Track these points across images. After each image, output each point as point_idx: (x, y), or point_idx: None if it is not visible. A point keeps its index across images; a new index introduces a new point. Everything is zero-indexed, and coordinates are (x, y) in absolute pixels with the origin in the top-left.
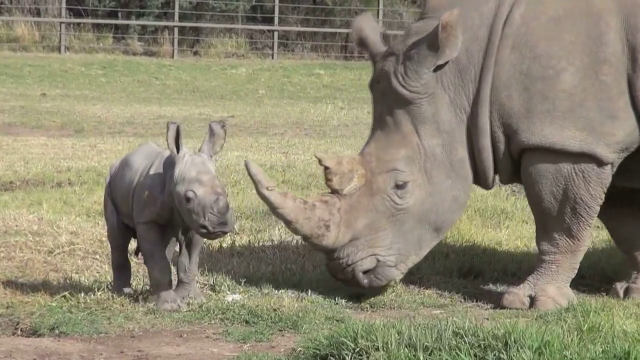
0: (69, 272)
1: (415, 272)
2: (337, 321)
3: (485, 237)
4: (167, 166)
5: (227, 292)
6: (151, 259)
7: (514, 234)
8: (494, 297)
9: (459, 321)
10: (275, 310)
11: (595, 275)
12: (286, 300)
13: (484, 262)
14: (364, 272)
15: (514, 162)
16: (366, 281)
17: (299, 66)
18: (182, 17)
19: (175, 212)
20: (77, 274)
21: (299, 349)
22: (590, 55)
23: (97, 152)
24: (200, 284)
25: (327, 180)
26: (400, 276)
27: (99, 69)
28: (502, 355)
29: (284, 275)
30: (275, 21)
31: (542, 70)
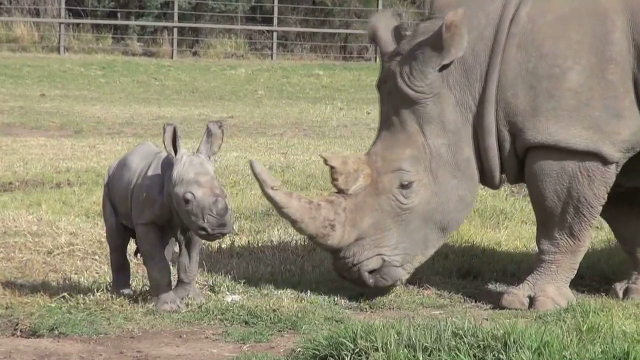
0: (68, 272)
1: (414, 273)
2: (337, 322)
3: (484, 237)
4: (165, 167)
5: (227, 292)
6: (150, 260)
7: (513, 235)
8: (493, 298)
9: (458, 322)
10: (274, 310)
11: (594, 275)
12: (285, 300)
13: (483, 263)
14: (370, 272)
15: (520, 161)
16: (372, 281)
17: (298, 67)
18: (182, 17)
19: (174, 213)
20: (76, 274)
21: (299, 349)
22: (596, 54)
23: (97, 152)
24: (199, 284)
25: (333, 179)
26: (406, 276)
27: (98, 69)
28: (501, 355)
29: (283, 275)
30: (274, 22)
31: (548, 68)
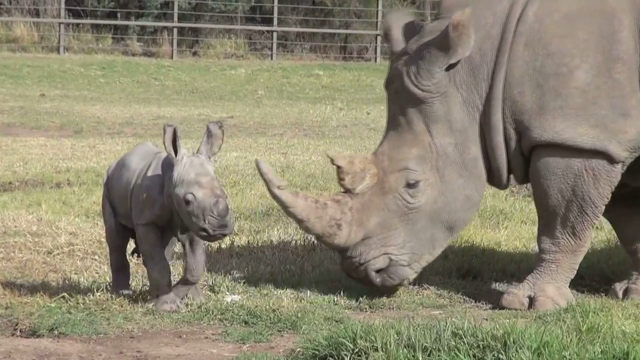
0: (68, 272)
1: None
2: (336, 322)
3: (484, 237)
4: (166, 167)
5: (226, 292)
6: (151, 260)
7: (512, 235)
8: (493, 298)
9: (458, 322)
10: (274, 310)
11: (594, 275)
12: (285, 300)
13: (482, 263)
14: (377, 271)
15: (526, 159)
16: (379, 280)
17: (298, 67)
18: (181, 17)
19: (174, 213)
20: (76, 274)
21: (298, 349)
22: (603, 53)
23: (96, 152)
24: (199, 284)
25: (340, 179)
26: (414, 275)
27: (98, 69)
28: (501, 355)
29: (283, 275)
30: (274, 22)
31: (555, 67)
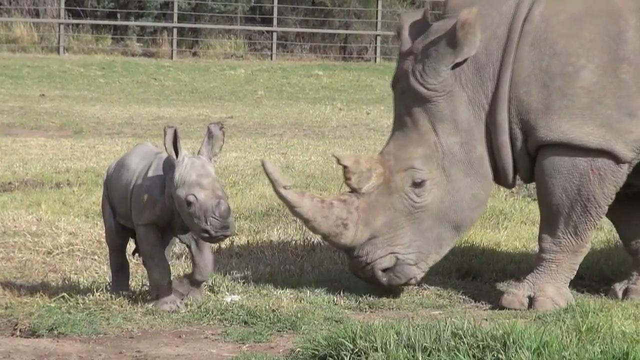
0: (67, 272)
1: None
2: (336, 322)
3: (483, 237)
4: (167, 168)
5: (226, 292)
6: (151, 260)
7: (512, 235)
8: (493, 298)
9: (457, 322)
10: (274, 310)
11: (594, 275)
12: (285, 300)
13: (482, 263)
14: (384, 270)
15: (532, 159)
16: (385, 279)
17: (298, 67)
18: (181, 18)
19: (175, 214)
20: (75, 274)
21: (298, 349)
22: (609, 53)
23: (96, 152)
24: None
25: (346, 179)
26: (421, 275)
27: (97, 69)
28: (500, 355)
29: (282, 276)
30: (274, 22)
31: (561, 67)
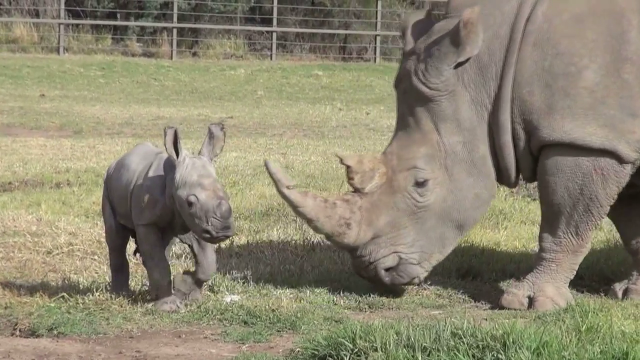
0: (67, 272)
1: None
2: (336, 322)
3: (483, 237)
4: (168, 168)
5: (226, 292)
6: (151, 261)
7: (512, 235)
8: (493, 298)
9: (457, 322)
10: (273, 310)
11: (593, 275)
12: (285, 300)
13: (482, 263)
14: (387, 270)
15: (535, 158)
16: (388, 279)
17: (298, 67)
18: (181, 18)
19: (176, 214)
20: (75, 274)
21: (298, 349)
22: (612, 53)
23: (96, 152)
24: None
25: (349, 178)
26: (424, 274)
27: (97, 70)
28: (500, 355)
29: (282, 276)
30: (273, 22)
31: (564, 67)
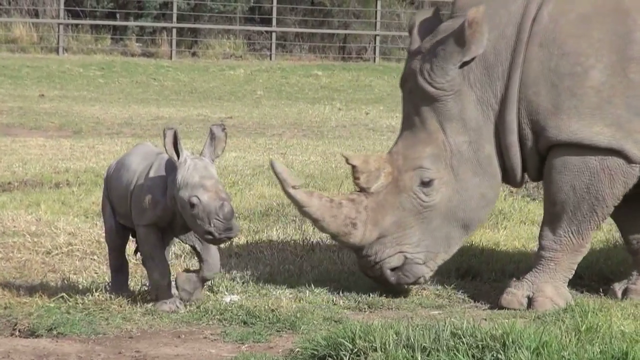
0: (67, 272)
1: None
2: (335, 322)
3: (483, 237)
4: (169, 169)
5: (225, 292)
6: (151, 261)
7: (511, 235)
8: (492, 298)
9: (456, 322)
10: (273, 310)
11: (593, 275)
12: (284, 300)
13: (481, 263)
14: (392, 270)
15: (542, 158)
16: (394, 278)
17: (297, 67)
18: (180, 18)
19: (177, 215)
20: (75, 274)
21: (297, 349)
22: (618, 52)
23: (95, 153)
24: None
25: (355, 178)
26: (429, 274)
27: (97, 70)
28: (500, 355)
29: (281, 276)
30: (273, 22)
31: (570, 67)
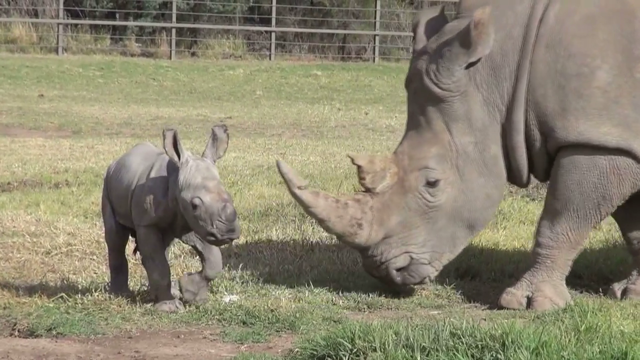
0: (66, 273)
1: None
2: (335, 322)
3: (482, 237)
4: (171, 169)
5: (225, 292)
6: (151, 262)
7: (511, 235)
8: (491, 298)
9: (456, 322)
10: (272, 311)
11: (592, 275)
12: (283, 301)
13: (481, 263)
14: (398, 270)
15: (550, 159)
16: (399, 279)
17: (296, 67)
18: (180, 18)
19: (178, 216)
20: (74, 274)
21: (297, 349)
22: (623, 52)
23: (95, 153)
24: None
25: (360, 179)
26: (435, 273)
27: (96, 70)
28: (499, 355)
29: (281, 276)
30: (272, 22)
31: (576, 68)
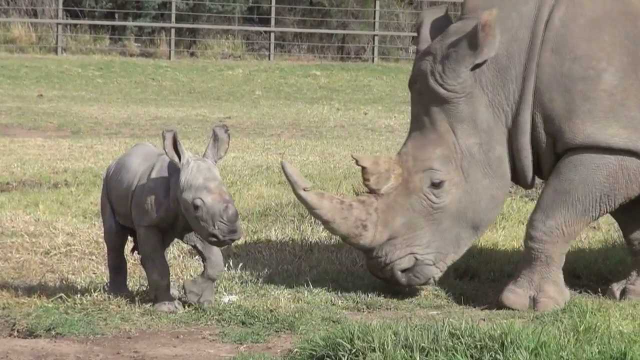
0: (65, 273)
1: None
2: (334, 322)
3: (481, 238)
4: (172, 170)
5: (224, 293)
6: (151, 262)
7: (510, 235)
8: (491, 298)
9: (455, 322)
10: (271, 311)
11: (591, 275)
12: (282, 301)
13: (480, 263)
14: (403, 271)
15: (557, 161)
16: (404, 279)
17: (296, 67)
18: (179, 18)
19: (179, 216)
20: (73, 275)
21: (296, 350)
22: (629, 55)
23: (94, 153)
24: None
25: (365, 180)
26: (439, 274)
27: (95, 70)
28: (498, 356)
29: (280, 276)
30: (271, 22)
31: (582, 71)
